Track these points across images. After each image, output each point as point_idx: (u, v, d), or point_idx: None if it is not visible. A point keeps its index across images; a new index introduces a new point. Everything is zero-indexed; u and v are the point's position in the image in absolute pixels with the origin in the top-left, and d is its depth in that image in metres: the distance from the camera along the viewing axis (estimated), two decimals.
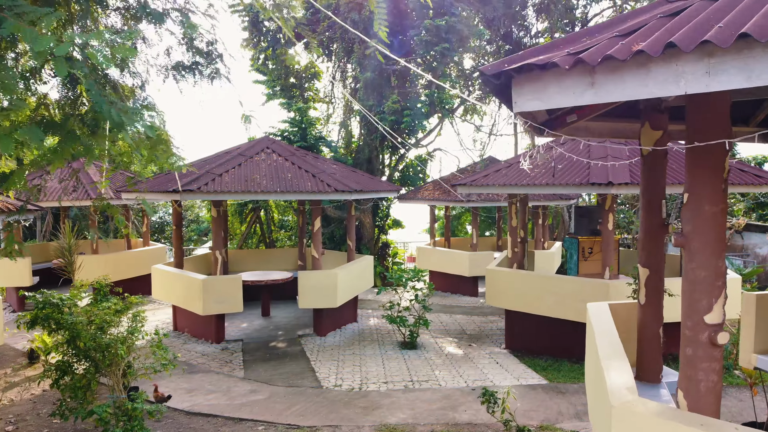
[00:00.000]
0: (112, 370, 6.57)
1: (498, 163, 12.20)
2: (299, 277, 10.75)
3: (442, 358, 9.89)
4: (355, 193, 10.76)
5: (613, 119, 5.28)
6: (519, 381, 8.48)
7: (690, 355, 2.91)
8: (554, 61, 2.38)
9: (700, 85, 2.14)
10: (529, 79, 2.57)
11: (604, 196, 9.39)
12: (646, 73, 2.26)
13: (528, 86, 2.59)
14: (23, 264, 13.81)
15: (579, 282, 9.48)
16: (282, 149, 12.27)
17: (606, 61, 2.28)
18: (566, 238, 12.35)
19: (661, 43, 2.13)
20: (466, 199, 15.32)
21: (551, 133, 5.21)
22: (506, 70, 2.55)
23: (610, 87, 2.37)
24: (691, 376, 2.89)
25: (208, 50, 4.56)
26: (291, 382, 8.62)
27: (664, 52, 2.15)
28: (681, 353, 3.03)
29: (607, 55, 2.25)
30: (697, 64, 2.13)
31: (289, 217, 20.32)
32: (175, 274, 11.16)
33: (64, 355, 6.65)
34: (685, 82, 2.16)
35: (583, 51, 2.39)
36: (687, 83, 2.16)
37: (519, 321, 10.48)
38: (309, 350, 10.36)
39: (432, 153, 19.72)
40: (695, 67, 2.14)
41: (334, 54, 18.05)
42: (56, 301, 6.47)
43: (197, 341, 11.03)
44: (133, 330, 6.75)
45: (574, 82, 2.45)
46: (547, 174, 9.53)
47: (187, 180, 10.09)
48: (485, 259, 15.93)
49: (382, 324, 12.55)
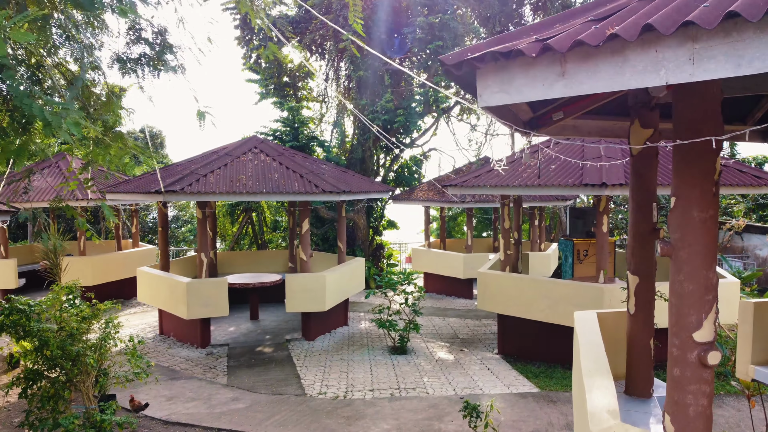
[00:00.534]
0: (81, 380, 6.30)
1: (487, 164, 11.93)
2: (287, 280, 10.48)
3: (432, 363, 9.61)
4: (344, 194, 10.49)
5: (602, 117, 5.00)
6: (509, 389, 8.19)
7: (677, 376, 2.63)
8: (519, 49, 2.10)
9: (683, 74, 1.86)
10: (494, 69, 2.30)
11: (598, 197, 9.11)
12: (623, 61, 1.98)
13: (493, 77, 2.32)
14: (8, 266, 13.56)
15: (573, 286, 9.20)
16: (270, 149, 12.00)
17: (577, 47, 2.01)
18: (561, 240, 12.07)
19: (638, 26, 1.86)
20: (461, 200, 15.05)
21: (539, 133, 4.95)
22: (468, 59, 2.27)
23: (582, 77, 2.09)
24: (679, 399, 2.61)
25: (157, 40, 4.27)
26: (274, 390, 8.35)
27: (641, 36, 1.87)
28: (668, 374, 2.75)
29: (578, 41, 1.97)
30: (679, 49, 1.86)
31: (283, 217, 20.05)
32: (159, 276, 10.90)
33: (34, 363, 6.40)
34: (666, 71, 1.89)
35: (552, 37, 2.12)
36: (668, 72, 1.89)
37: (512, 325, 10.20)
38: (296, 355, 10.08)
39: (427, 153, 19.44)
40: (677, 54, 1.87)
41: (327, 52, 17.78)
42: (23, 307, 6.21)
43: (182, 346, 10.77)
44: (106, 337, 6.49)
45: (542, 72, 2.18)
46: (541, 175, 9.25)
47: (170, 180, 9.83)
48: (480, 261, 15.64)
49: (373, 328, 12.27)
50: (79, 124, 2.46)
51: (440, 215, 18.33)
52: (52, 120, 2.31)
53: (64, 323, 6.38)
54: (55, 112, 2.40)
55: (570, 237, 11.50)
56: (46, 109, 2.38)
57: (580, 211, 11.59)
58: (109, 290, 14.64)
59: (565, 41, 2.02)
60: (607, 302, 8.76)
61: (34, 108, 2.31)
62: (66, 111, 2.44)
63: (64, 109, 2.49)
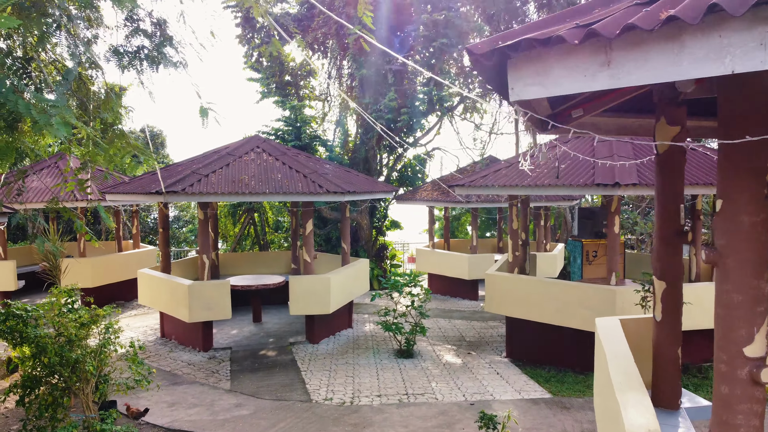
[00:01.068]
0: (80, 387, 6.09)
1: (498, 163, 11.70)
2: (290, 282, 10.27)
3: (439, 367, 9.40)
4: (349, 195, 10.27)
5: (622, 114, 4.78)
6: (520, 394, 7.97)
7: (725, 394, 2.42)
8: (560, 35, 1.88)
9: (752, 62, 1.64)
10: (529, 59, 2.08)
11: (609, 197, 8.88)
12: (680, 48, 1.76)
13: (527, 68, 2.09)
14: (7, 267, 13.36)
15: (583, 288, 8.97)
16: (272, 149, 11.78)
17: (626, 32, 1.79)
18: (569, 240, 11.85)
19: (701, 7, 1.63)
20: (466, 200, 14.82)
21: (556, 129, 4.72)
22: (500, 47, 2.05)
23: (629, 67, 1.87)
24: (728, 419, 2.40)
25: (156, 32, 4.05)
26: (279, 395, 8.13)
27: (704, 19, 1.65)
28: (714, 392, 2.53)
29: (629, 25, 1.75)
30: (748, 33, 1.64)
31: (285, 217, 19.84)
32: (160, 279, 10.69)
33: (32, 370, 6.19)
34: (732, 59, 1.67)
35: (596, 22, 1.89)
36: (734, 59, 1.66)
37: (520, 328, 9.98)
38: (300, 359, 9.87)
39: (431, 152, 19.21)
40: (745, 38, 1.65)
41: (329, 51, 17.55)
42: (20, 312, 6.00)
43: (184, 349, 10.56)
44: (106, 343, 6.28)
45: (584, 61, 1.96)
46: (549, 174, 9.03)
47: (171, 181, 9.62)
48: (485, 262, 15.42)
49: (378, 330, 12.06)
50: (68, 124, 2.25)
51: (444, 215, 18.11)
52: (40, 119, 2.10)
53: (63, 329, 6.18)
54: (43, 111, 2.19)
55: (579, 238, 11.27)
56: (35, 106, 2.17)
57: (589, 211, 11.37)
58: (110, 292, 14.45)
59: (613, 26, 1.80)
60: (620, 305, 8.54)
61: (20, 105, 2.10)
62: (56, 109, 2.23)
63: (53, 107, 2.27)
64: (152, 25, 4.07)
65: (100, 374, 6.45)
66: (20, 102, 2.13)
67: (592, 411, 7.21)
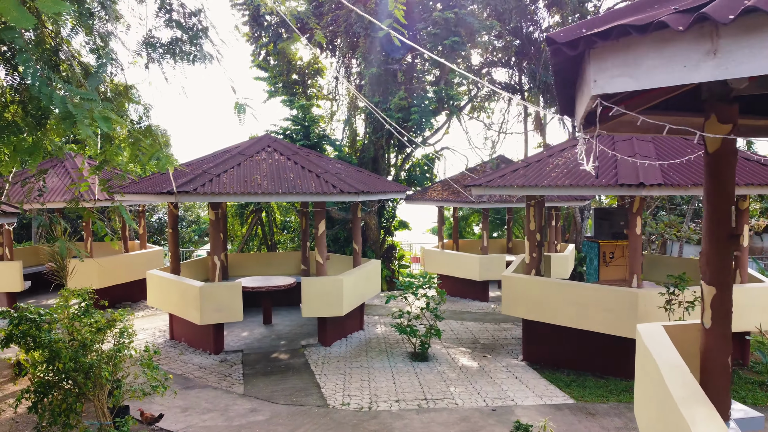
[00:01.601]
0: (96, 393, 5.92)
1: (514, 163, 11.51)
2: (302, 284, 10.09)
3: (456, 371, 9.21)
4: (362, 195, 10.09)
5: (663, 112, 4.59)
6: (542, 399, 7.79)
7: None
8: (662, 20, 1.69)
9: None
10: (617, 48, 1.90)
11: (631, 198, 8.69)
12: None
13: (615, 58, 1.91)
14: (13, 268, 13.20)
15: (604, 290, 8.78)
16: (284, 148, 11.60)
17: (744, 16, 1.60)
18: (585, 241, 11.67)
19: None
20: (478, 200, 14.63)
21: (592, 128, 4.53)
22: (588, 35, 1.87)
23: (740, 56, 1.69)
24: None
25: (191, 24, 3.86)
26: (294, 400, 7.95)
27: None
28: None
29: (749, 7, 1.56)
30: None
31: (292, 218, 19.66)
32: (170, 280, 10.52)
33: (44, 375, 6.02)
34: None
35: (701, 6, 1.71)
36: None
37: (537, 331, 9.79)
38: (313, 362, 9.69)
39: (439, 152, 19.02)
40: None
41: (338, 49, 17.36)
42: (33, 316, 5.83)
43: (195, 352, 10.38)
44: (121, 348, 6.11)
45: (685, 50, 1.77)
46: (569, 174, 8.84)
47: (182, 181, 9.44)
48: (496, 263, 15.25)
49: (390, 332, 11.88)
50: (108, 119, 2.07)
51: (453, 215, 17.92)
52: (77, 113, 1.93)
53: (77, 333, 6.00)
54: (79, 105, 2.01)
55: (595, 238, 11.10)
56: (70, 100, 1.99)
57: (606, 211, 11.18)
58: (117, 292, 14.28)
59: (727, 9, 1.62)
60: (641, 308, 8.35)
61: (54, 98, 1.92)
62: (90, 103, 2.06)
63: (86, 99, 2.10)
64: (185, 16, 3.87)
65: (114, 379, 6.28)
66: (55, 95, 1.95)
67: (618, 417, 7.03)
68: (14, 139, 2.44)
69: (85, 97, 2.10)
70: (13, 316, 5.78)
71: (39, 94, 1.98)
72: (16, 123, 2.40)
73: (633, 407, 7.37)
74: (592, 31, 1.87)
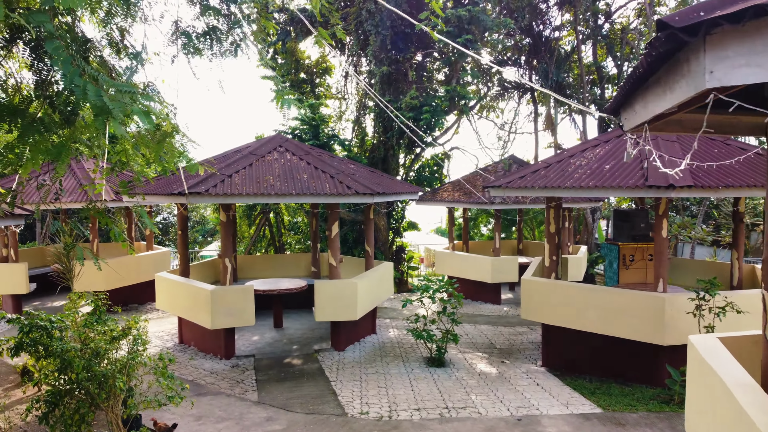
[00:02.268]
0: (109, 404, 5.67)
1: (533, 164, 11.24)
2: (316, 287, 9.83)
3: (475, 378, 8.95)
4: (377, 196, 9.84)
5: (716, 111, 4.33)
6: (568, 408, 7.52)
7: None
8: None
9: None
10: (743, 33, 1.63)
11: (657, 199, 8.42)
12: None
13: (739, 45, 1.65)
14: (19, 270, 12.97)
15: (629, 295, 8.52)
16: (296, 148, 11.34)
17: None
18: (604, 243, 11.40)
19: None
20: (490, 201, 14.37)
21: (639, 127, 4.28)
22: (710, 18, 1.60)
23: None
24: None
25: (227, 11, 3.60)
26: (311, 408, 7.70)
27: None
28: None
29: None
30: None
31: (300, 218, 19.41)
32: (180, 283, 10.27)
33: (55, 383, 5.77)
34: None
35: None
36: None
37: (557, 336, 9.53)
38: (327, 368, 9.44)
39: (449, 152, 18.77)
40: None
41: (347, 47, 17.11)
42: (44, 323, 5.58)
43: (205, 356, 10.13)
44: (135, 356, 5.86)
45: None
46: (593, 175, 8.57)
47: (194, 181, 9.20)
48: (509, 265, 14.99)
49: (403, 336, 11.63)
50: (148, 113, 1.83)
51: (463, 217, 17.66)
52: (114, 107, 1.68)
53: (89, 341, 5.76)
54: (116, 98, 1.77)
55: (615, 241, 10.82)
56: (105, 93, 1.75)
57: (626, 213, 10.91)
58: (123, 295, 14.05)
59: None
60: (669, 314, 8.09)
61: (89, 91, 1.68)
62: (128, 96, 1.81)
63: (123, 92, 1.85)
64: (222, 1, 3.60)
65: (128, 388, 6.04)
66: (89, 87, 1.71)
67: (649, 428, 6.77)
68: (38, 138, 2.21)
69: (123, 89, 1.86)
70: (24, 323, 5.54)
71: (71, 86, 1.74)
72: (42, 121, 2.16)
73: (663, 417, 7.11)
74: (715, 14, 1.61)
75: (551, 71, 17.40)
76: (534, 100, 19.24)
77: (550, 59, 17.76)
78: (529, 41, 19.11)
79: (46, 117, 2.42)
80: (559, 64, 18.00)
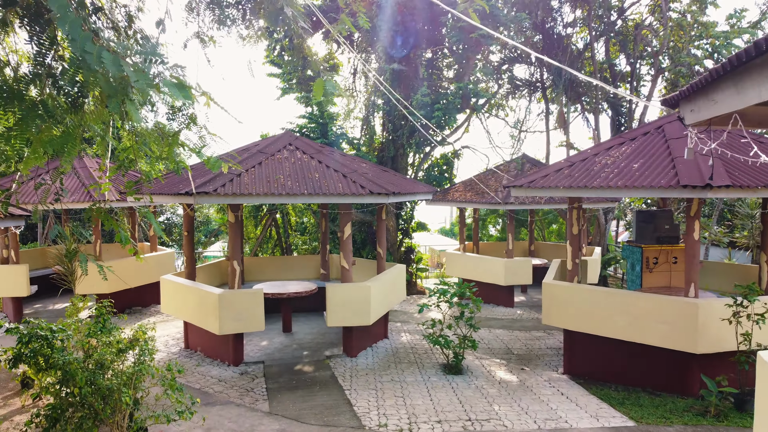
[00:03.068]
0: (115, 420, 5.27)
1: (553, 163, 10.83)
2: (327, 291, 9.43)
3: (495, 386, 8.55)
4: (392, 196, 9.43)
5: None
6: (599, 421, 7.11)
7: None
8: None
9: None
10: None
11: (689, 200, 8.01)
12: None
13: None
14: (20, 272, 12.60)
15: (658, 300, 8.11)
16: (306, 146, 10.94)
17: None
18: (626, 245, 10.98)
19: None
20: (504, 201, 13.97)
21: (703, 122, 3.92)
22: None
23: None
24: None
25: None
26: (326, 420, 7.29)
27: None
28: None
29: None
30: None
31: (307, 219, 19.00)
32: (186, 287, 9.86)
33: (56, 396, 5.38)
34: None
35: None
36: None
37: (581, 342, 9.13)
38: (340, 375, 9.03)
39: (459, 151, 18.36)
40: None
41: (356, 44, 16.70)
42: (45, 333, 5.19)
43: (212, 363, 9.73)
44: (142, 368, 5.46)
45: None
46: (621, 174, 8.16)
47: (201, 181, 8.81)
48: (523, 267, 14.60)
49: (416, 341, 11.22)
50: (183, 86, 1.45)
51: (474, 217, 17.26)
52: (139, 80, 1.30)
53: (93, 350, 5.37)
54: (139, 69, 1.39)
55: (638, 243, 10.41)
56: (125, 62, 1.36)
57: (649, 214, 10.49)
58: (127, 297, 13.66)
59: None
60: (702, 320, 7.68)
61: (105, 59, 1.30)
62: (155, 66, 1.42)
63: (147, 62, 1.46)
64: None
65: (134, 401, 5.65)
66: (105, 54, 1.33)
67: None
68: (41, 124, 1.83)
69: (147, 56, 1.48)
70: (23, 333, 5.15)
71: (82, 53, 1.36)
72: (44, 104, 1.77)
73: (701, 431, 6.69)
74: None
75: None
76: (545, 97, 18.82)
77: (564, 56, 17.35)
78: (541, 38, 18.70)
79: (50, 100, 2.02)
80: (573, 61, 17.60)
